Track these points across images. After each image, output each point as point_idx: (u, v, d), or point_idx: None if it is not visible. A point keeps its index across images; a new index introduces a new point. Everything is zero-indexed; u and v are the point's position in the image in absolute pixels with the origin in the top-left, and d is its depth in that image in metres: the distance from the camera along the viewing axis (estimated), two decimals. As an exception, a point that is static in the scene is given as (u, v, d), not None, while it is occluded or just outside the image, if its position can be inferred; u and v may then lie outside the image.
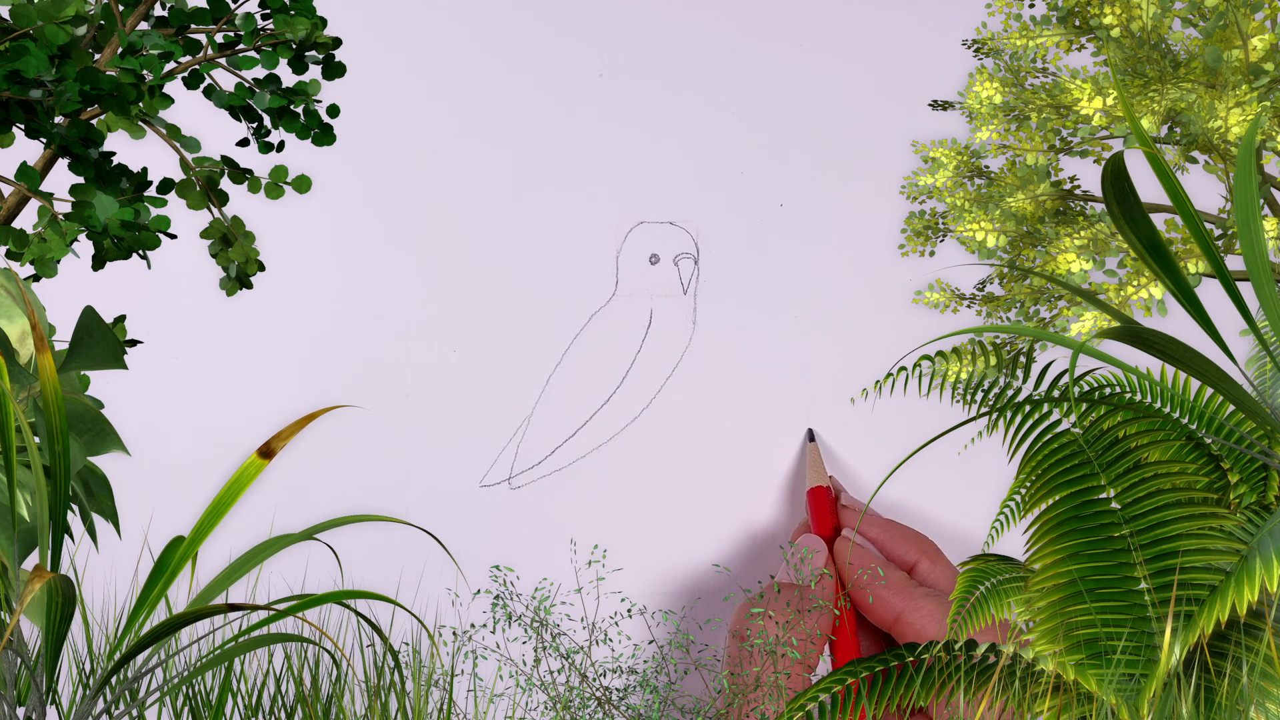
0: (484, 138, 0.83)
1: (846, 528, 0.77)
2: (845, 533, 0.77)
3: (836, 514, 0.78)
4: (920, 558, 0.76)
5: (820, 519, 0.78)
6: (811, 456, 0.81)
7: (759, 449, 0.83)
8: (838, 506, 0.79)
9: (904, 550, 0.76)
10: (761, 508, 0.83)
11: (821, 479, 0.79)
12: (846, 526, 0.77)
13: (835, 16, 0.84)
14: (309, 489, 0.81)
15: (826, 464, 0.82)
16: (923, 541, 0.77)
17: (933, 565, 0.76)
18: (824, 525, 0.78)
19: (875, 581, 0.73)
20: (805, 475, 0.81)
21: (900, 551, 0.77)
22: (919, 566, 0.76)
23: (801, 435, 0.83)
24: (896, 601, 0.73)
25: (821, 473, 0.80)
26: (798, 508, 0.83)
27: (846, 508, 0.78)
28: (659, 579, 0.83)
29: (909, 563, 0.76)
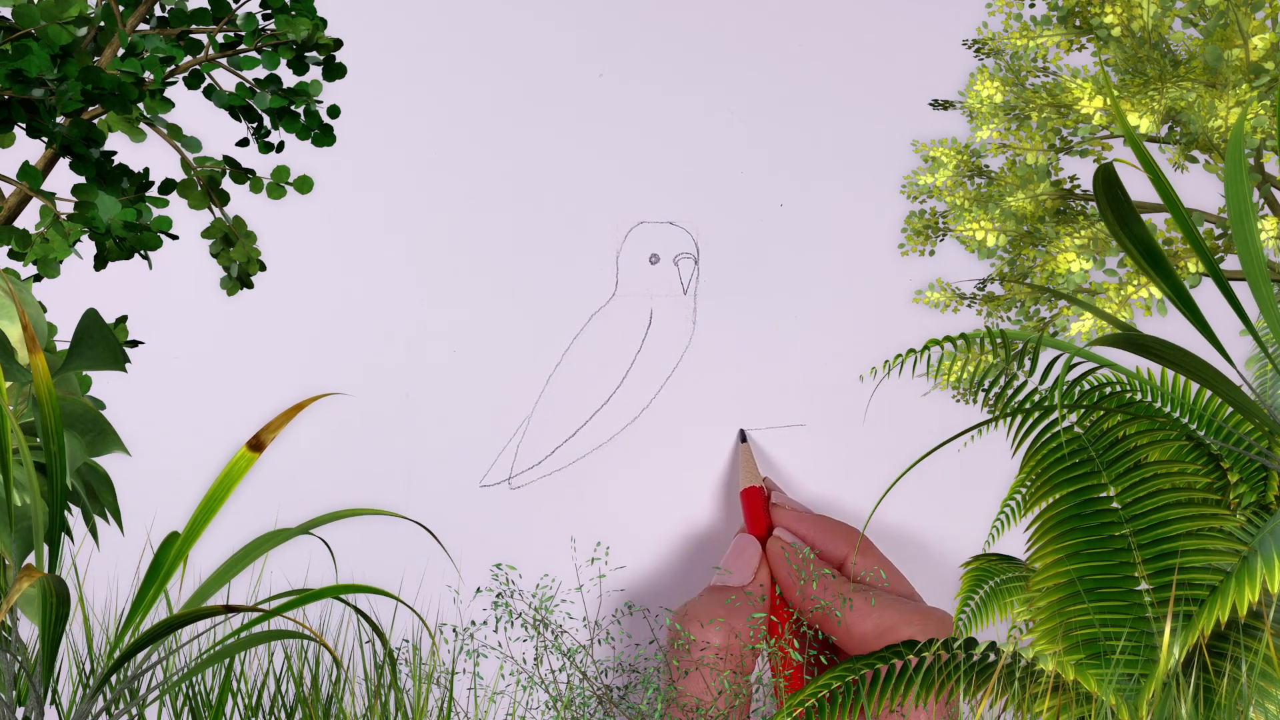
0: (484, 138, 0.83)
1: (779, 527, 0.78)
2: (777, 532, 0.78)
3: (769, 513, 0.79)
4: (850, 552, 0.77)
5: (754, 519, 0.79)
6: (744, 457, 0.81)
7: (759, 448, 0.83)
8: (770, 506, 0.80)
9: (834, 545, 0.77)
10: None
11: (754, 479, 0.80)
12: (779, 525, 0.78)
13: (836, 17, 0.84)
14: (310, 490, 0.81)
15: (760, 465, 0.82)
16: (853, 536, 0.78)
17: (864, 559, 0.76)
18: (757, 525, 0.79)
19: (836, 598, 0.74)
20: (757, 476, 0.81)
21: (831, 547, 0.77)
22: (849, 560, 0.77)
23: (801, 435, 0.83)
24: (826, 599, 0.74)
25: (754, 473, 0.80)
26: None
27: (778, 506, 0.79)
28: (659, 579, 0.84)
29: (840, 557, 0.77)
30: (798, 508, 0.79)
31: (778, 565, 0.76)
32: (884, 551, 0.82)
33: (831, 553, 0.77)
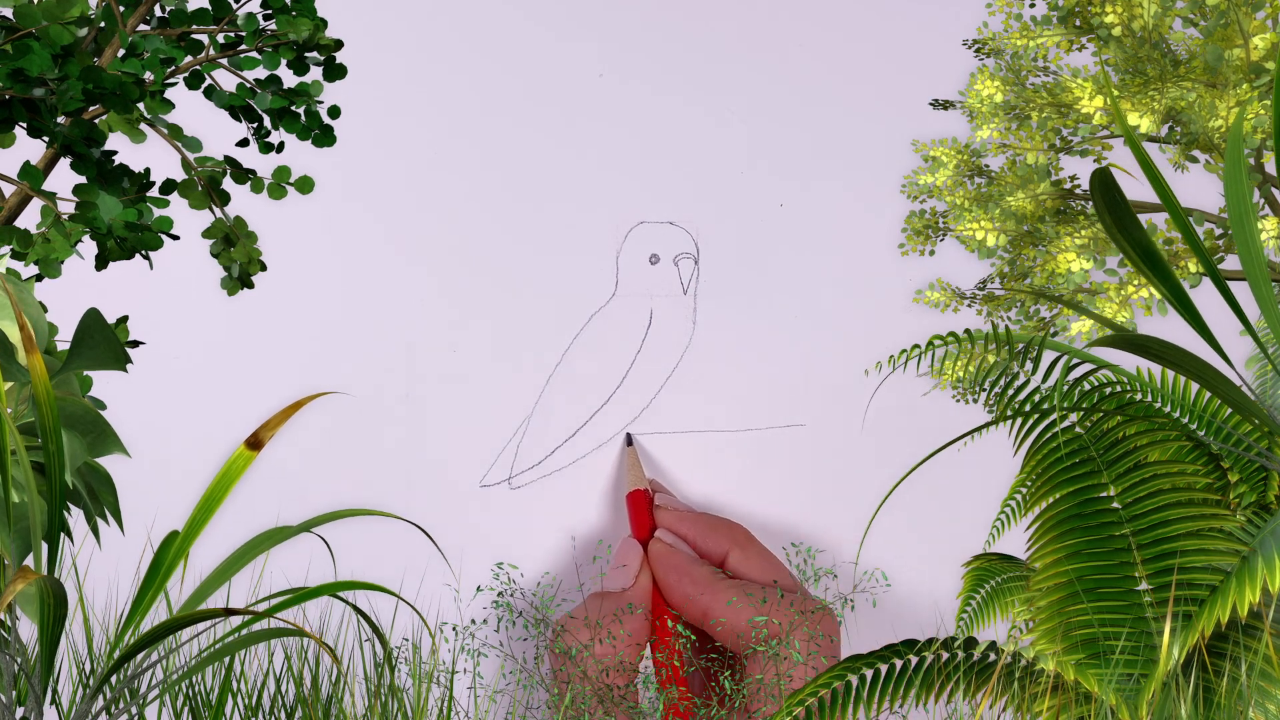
0: (484, 139, 0.83)
1: (660, 528, 0.79)
2: (658, 533, 0.79)
3: (653, 516, 0.80)
4: (731, 548, 0.78)
5: (638, 522, 0.80)
6: (630, 461, 0.82)
7: (759, 447, 0.83)
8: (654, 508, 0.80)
9: (715, 543, 0.78)
10: (762, 507, 0.83)
11: (640, 482, 0.80)
12: (660, 526, 0.79)
13: (836, 17, 0.84)
14: (311, 490, 0.81)
15: (646, 468, 0.83)
16: (734, 531, 0.79)
17: (744, 553, 0.78)
18: (641, 528, 0.79)
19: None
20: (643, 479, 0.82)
21: (711, 545, 0.78)
22: (730, 557, 0.78)
23: (801, 434, 0.83)
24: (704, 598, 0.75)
25: (640, 476, 0.81)
26: (798, 507, 0.83)
27: (660, 507, 0.80)
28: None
29: (721, 554, 0.78)
30: (680, 507, 0.80)
31: (657, 567, 0.77)
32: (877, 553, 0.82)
33: (712, 549, 0.78)
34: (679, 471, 0.83)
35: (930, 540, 0.82)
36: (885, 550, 0.82)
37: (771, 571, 0.77)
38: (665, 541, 0.78)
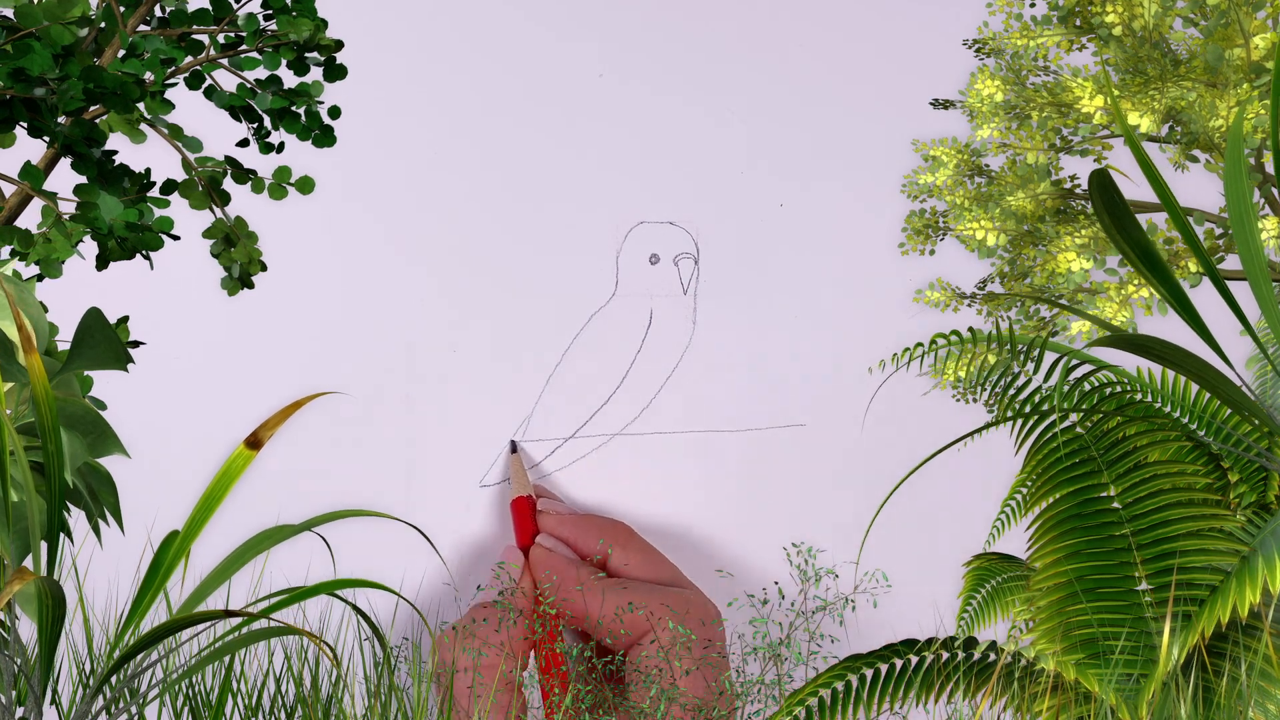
0: (484, 138, 0.83)
1: (542, 533, 0.80)
2: (539, 539, 0.79)
3: (536, 522, 0.80)
4: (612, 545, 0.78)
5: (522, 529, 0.80)
6: (514, 468, 0.82)
7: (759, 447, 0.83)
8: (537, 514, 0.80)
9: (594, 543, 0.79)
10: (761, 506, 0.83)
11: (524, 489, 0.80)
12: (542, 531, 0.80)
13: (836, 17, 0.84)
14: (311, 490, 0.81)
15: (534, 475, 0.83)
16: (614, 530, 0.79)
17: (624, 551, 0.78)
18: (525, 535, 0.80)
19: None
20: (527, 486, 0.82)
21: (591, 545, 0.79)
22: (612, 555, 0.78)
23: (801, 434, 0.83)
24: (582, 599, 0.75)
25: (524, 483, 0.81)
26: (798, 507, 0.83)
27: (543, 512, 0.80)
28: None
29: (602, 553, 0.78)
30: (563, 511, 0.80)
31: (537, 572, 0.78)
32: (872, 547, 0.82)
33: (594, 550, 0.79)
34: (679, 471, 0.83)
35: (930, 540, 0.82)
36: (885, 550, 0.82)
37: (653, 567, 0.78)
38: (545, 546, 0.79)
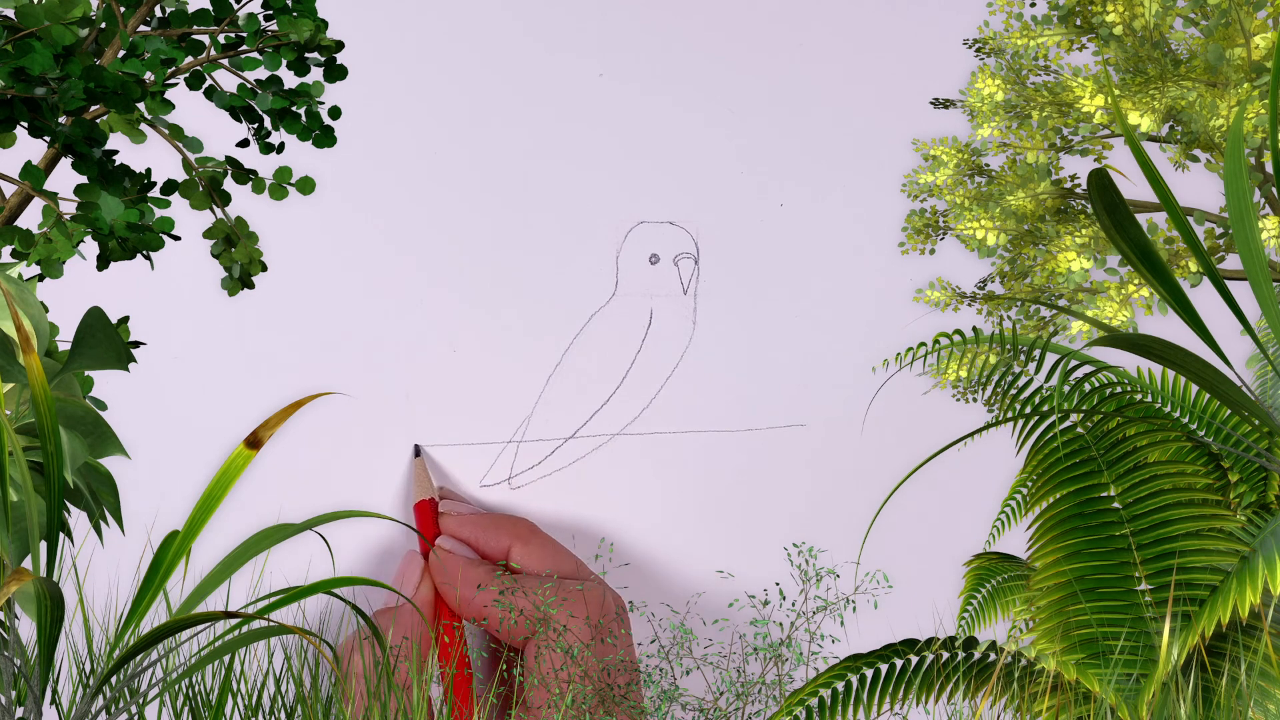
0: (485, 139, 0.83)
1: (442, 535, 0.80)
2: (438, 541, 0.80)
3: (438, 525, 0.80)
4: (513, 543, 0.79)
5: (425, 532, 0.80)
6: (417, 472, 0.82)
7: (759, 447, 0.83)
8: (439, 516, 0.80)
9: (496, 541, 0.79)
10: (761, 506, 0.83)
11: (426, 493, 0.81)
12: (443, 533, 0.80)
13: (836, 17, 0.84)
14: (311, 490, 0.81)
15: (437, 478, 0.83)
16: (516, 527, 0.80)
17: (526, 547, 0.79)
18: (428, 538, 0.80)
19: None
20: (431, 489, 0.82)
21: (492, 543, 0.79)
22: (512, 552, 0.79)
23: (801, 434, 0.83)
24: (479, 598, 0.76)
25: (426, 487, 0.81)
26: (798, 507, 0.83)
27: (445, 514, 0.80)
28: (660, 578, 0.84)
29: (503, 551, 0.79)
30: (464, 512, 0.80)
31: (436, 574, 0.78)
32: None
33: (494, 548, 0.79)
34: (679, 471, 0.83)
35: (930, 539, 0.82)
36: (886, 550, 0.82)
37: (554, 561, 0.78)
38: (444, 548, 0.79)
